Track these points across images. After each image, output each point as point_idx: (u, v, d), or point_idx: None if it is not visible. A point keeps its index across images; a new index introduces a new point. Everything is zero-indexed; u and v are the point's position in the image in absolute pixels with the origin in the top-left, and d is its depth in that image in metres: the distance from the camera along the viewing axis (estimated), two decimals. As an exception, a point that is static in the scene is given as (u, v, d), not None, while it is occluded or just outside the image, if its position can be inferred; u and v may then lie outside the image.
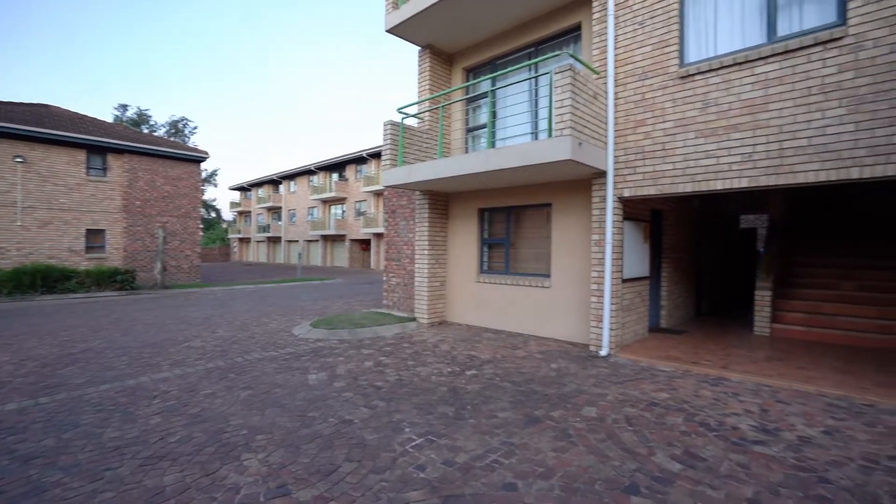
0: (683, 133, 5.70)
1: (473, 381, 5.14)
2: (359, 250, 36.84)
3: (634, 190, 6.13)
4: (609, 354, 6.26)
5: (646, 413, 4.15)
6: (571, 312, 7.17)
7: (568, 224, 7.23)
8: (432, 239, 8.83)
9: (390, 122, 8.09)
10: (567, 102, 5.52)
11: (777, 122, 5.03)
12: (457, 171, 6.84)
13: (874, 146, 4.48)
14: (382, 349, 6.75)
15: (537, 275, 7.78)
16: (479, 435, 3.70)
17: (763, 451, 3.40)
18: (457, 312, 8.97)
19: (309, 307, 11.68)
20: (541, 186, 7.56)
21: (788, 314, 7.78)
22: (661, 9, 5.94)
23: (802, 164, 4.86)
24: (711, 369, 5.49)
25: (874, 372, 5.41)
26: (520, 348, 6.77)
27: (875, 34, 4.52)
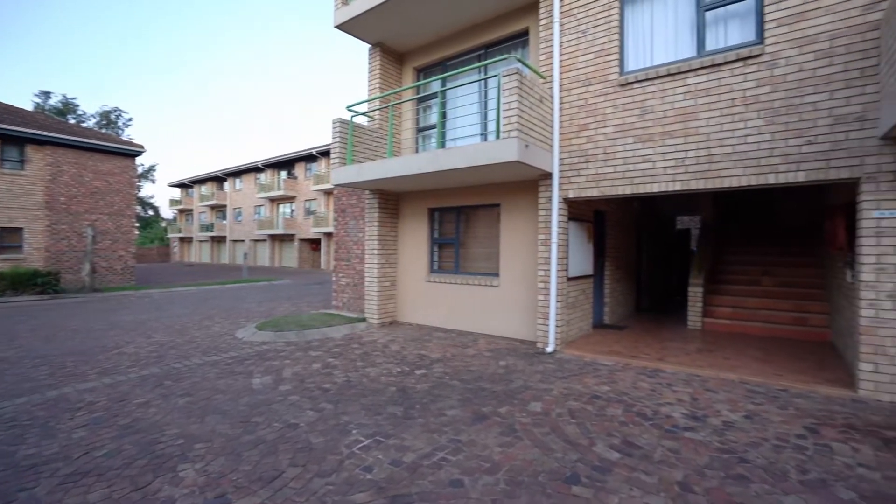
0: (623, 138, 5.99)
1: (423, 381, 5.15)
2: (309, 250, 35.89)
3: (578, 191, 6.37)
4: (555, 350, 6.48)
5: (588, 406, 4.33)
6: (520, 310, 7.34)
7: (516, 224, 7.41)
8: (382, 238, 8.76)
9: (339, 120, 7.94)
10: (514, 105, 5.65)
11: (706, 130, 5.40)
12: (406, 170, 6.83)
13: (787, 155, 4.92)
14: (331, 351, 6.62)
15: (487, 274, 7.92)
16: (427, 434, 3.72)
17: (692, 436, 3.65)
18: (407, 312, 8.96)
19: (254, 309, 11.24)
20: (490, 187, 7.69)
21: (717, 309, 8.38)
22: (603, 19, 6.21)
23: (728, 170, 5.25)
24: (649, 362, 5.81)
25: (788, 359, 5.94)
26: (469, 347, 6.86)
27: (787, 53, 4.95)
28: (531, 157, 5.95)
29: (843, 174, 4.65)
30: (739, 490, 2.86)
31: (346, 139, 7.97)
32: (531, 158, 5.95)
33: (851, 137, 4.61)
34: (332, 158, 8.07)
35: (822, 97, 4.76)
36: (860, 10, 4.61)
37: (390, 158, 7.14)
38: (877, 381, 4.48)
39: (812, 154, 4.79)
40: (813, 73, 4.82)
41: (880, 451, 3.38)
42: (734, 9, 5.41)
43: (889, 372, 4.42)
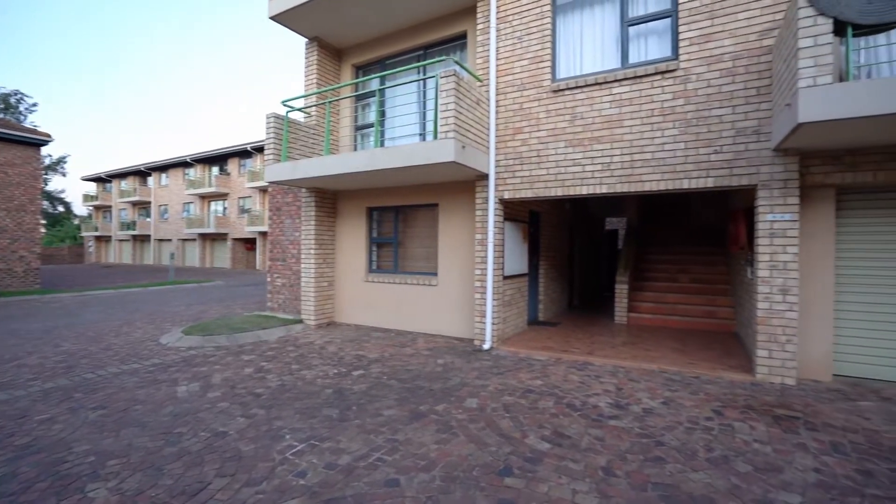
0: (555, 142, 6.27)
1: (360, 381, 5.09)
2: (243, 250, 34.15)
3: (513, 193, 6.58)
4: (492, 347, 6.65)
5: (522, 400, 4.49)
6: (458, 309, 7.46)
7: (454, 224, 7.52)
8: (319, 238, 8.54)
9: (273, 115, 7.64)
10: (451, 107, 5.74)
11: (629, 137, 5.78)
12: (344, 168, 6.71)
13: (698, 162, 5.39)
14: (265, 354, 6.36)
15: (425, 273, 7.96)
16: (363, 435, 3.69)
17: (616, 423, 3.90)
18: (346, 313, 8.80)
19: (182, 313, 10.53)
20: (428, 187, 7.74)
21: (641, 304, 8.99)
22: (537, 27, 6.46)
23: (648, 175, 5.65)
24: (579, 356, 6.13)
25: (700, 349, 6.50)
26: (408, 346, 6.87)
27: (697, 70, 5.43)
28: (468, 159, 6.07)
29: (743, 181, 5.16)
30: (656, 471, 3.10)
31: (280, 135, 7.69)
32: (468, 159, 6.07)
33: (750, 148, 5.14)
34: (266, 154, 7.74)
35: (727, 111, 5.27)
36: (757, 36, 5.15)
37: (327, 156, 6.98)
38: (770, 365, 5.02)
39: (719, 162, 5.28)
40: (719, 89, 5.31)
41: (771, 427, 3.80)
42: (653, 26, 5.84)
43: (780, 357, 4.98)
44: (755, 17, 5.14)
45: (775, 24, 5.04)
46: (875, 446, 3.49)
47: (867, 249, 5.20)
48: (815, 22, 3.97)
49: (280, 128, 7.69)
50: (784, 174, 4.97)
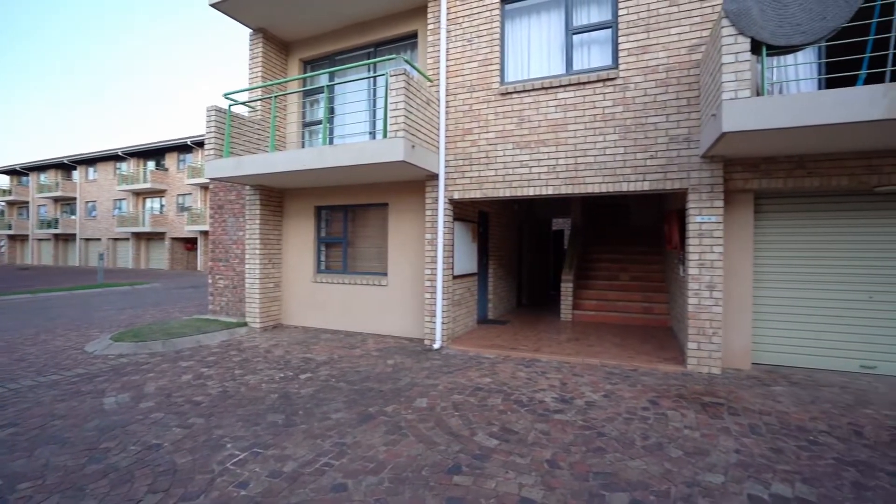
0: (504, 144, 6.40)
1: (308, 385, 4.96)
2: (182, 250, 32.23)
3: (463, 193, 6.66)
4: (442, 347, 6.69)
5: (471, 398, 4.55)
6: (408, 309, 7.44)
7: (404, 224, 7.49)
8: (265, 237, 8.22)
9: (215, 108, 7.27)
10: (401, 106, 5.71)
11: (573, 140, 6.01)
12: (291, 166, 6.50)
13: (636, 166, 5.70)
14: (205, 359, 6.03)
15: (375, 273, 7.88)
16: (310, 440, 3.59)
17: (560, 417, 4.04)
18: (293, 314, 8.53)
19: (112, 318, 9.78)
20: (378, 186, 7.66)
21: (585, 302, 9.38)
22: (486, 31, 6.56)
23: (591, 177, 5.91)
24: (526, 353, 6.29)
25: (638, 343, 6.88)
26: (358, 347, 6.77)
27: (635, 79, 5.73)
28: (418, 158, 6.07)
29: (676, 185, 5.52)
30: (597, 461, 3.25)
31: (223, 129, 7.32)
32: (418, 159, 6.07)
33: (681, 154, 5.50)
34: (206, 149, 7.35)
35: (661, 119, 5.60)
36: (687, 50, 5.51)
37: (273, 153, 6.73)
38: (699, 356, 5.40)
39: (654, 167, 5.61)
40: (654, 98, 5.64)
41: (699, 414, 4.09)
42: (596, 35, 6.10)
43: (707, 349, 5.37)
44: (685, 32, 5.51)
45: (702, 41, 5.43)
46: (785, 426, 3.85)
47: (780, 249, 5.72)
48: (736, 40, 4.31)
49: (222, 122, 7.33)
50: (711, 179, 5.35)
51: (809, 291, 5.62)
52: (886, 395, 4.64)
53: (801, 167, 5.20)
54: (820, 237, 5.59)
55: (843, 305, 5.51)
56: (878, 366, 5.41)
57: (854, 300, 5.48)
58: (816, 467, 3.17)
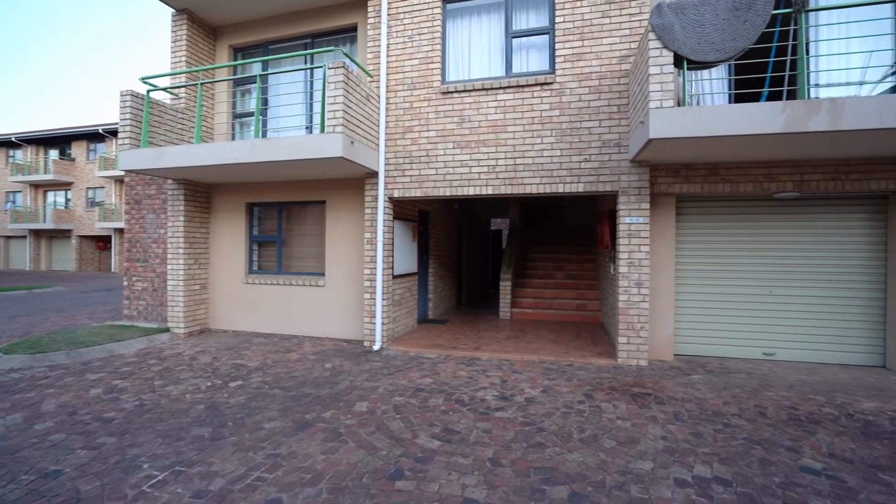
0: (444, 143, 6.40)
1: (238, 393, 4.64)
2: (94, 249, 29.14)
3: (403, 191, 6.57)
4: (382, 348, 6.56)
5: (412, 399, 4.49)
6: (346, 310, 7.23)
7: (342, 222, 7.26)
8: (190, 236, 7.62)
9: (131, 93, 6.60)
10: (340, 100, 5.52)
11: (512, 142, 6.13)
12: (220, 159, 6.06)
13: (571, 168, 5.92)
14: (119, 371, 5.46)
15: (312, 273, 7.58)
16: (241, 453, 3.35)
17: (501, 415, 4.09)
18: (222, 318, 7.99)
19: (2, 328, 8.60)
20: (315, 183, 7.37)
21: (523, 300, 9.64)
22: (427, 29, 6.52)
23: (529, 178, 6.06)
24: (467, 352, 6.34)
25: (572, 339, 7.17)
26: (293, 351, 6.46)
27: (571, 85, 5.96)
28: (357, 155, 5.90)
29: (608, 187, 5.80)
30: (538, 456, 3.31)
31: (140, 117, 6.67)
32: (357, 156, 5.90)
33: (613, 159, 5.80)
34: (121, 139, 6.66)
35: (594, 124, 5.87)
36: (617, 60, 5.82)
37: (199, 144, 6.24)
38: (629, 350, 5.73)
39: (588, 169, 5.87)
40: (588, 103, 5.90)
41: (630, 405, 4.33)
42: (534, 41, 6.27)
43: (635, 343, 5.71)
44: (616, 43, 5.81)
45: (631, 52, 5.75)
46: (703, 412, 4.17)
47: (697, 248, 6.21)
48: (661, 53, 4.61)
49: (139, 108, 6.68)
50: (638, 183, 5.69)
51: (721, 286, 6.16)
52: (784, 379, 5.18)
53: (716, 174, 5.67)
54: (730, 237, 6.14)
55: (749, 299, 6.09)
56: (777, 352, 6.03)
57: (757, 294, 6.08)
58: (731, 448, 3.46)
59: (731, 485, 2.94)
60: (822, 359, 5.91)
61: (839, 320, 5.88)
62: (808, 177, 5.46)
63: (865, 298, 5.82)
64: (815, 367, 5.68)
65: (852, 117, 4.17)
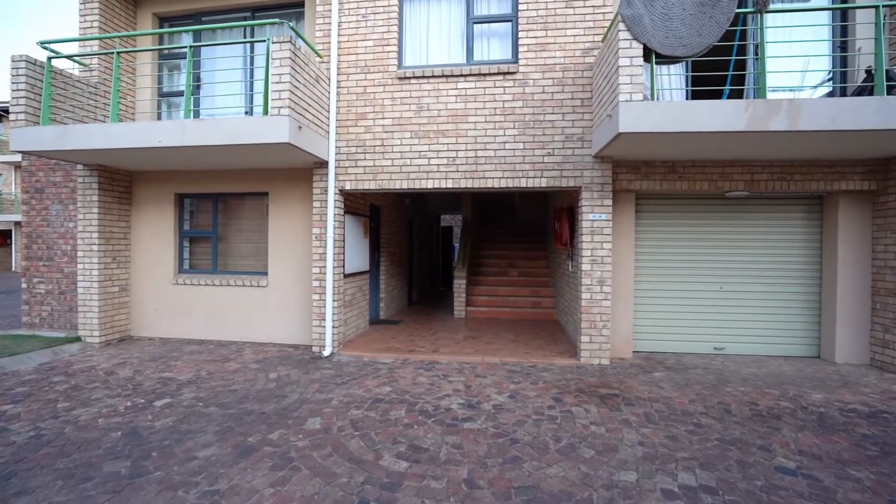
0: (401, 132, 5.97)
1: (165, 414, 3.99)
2: (-17, 245, 25.62)
3: (356, 183, 6.08)
4: (333, 353, 6.05)
5: (371, 413, 4.07)
6: (293, 312, 6.62)
7: (287, 216, 6.63)
8: (107, 230, 6.64)
9: (26, 59, 5.57)
10: (286, 78, 4.94)
11: (473, 133, 5.83)
12: (141, 141, 5.26)
13: (534, 162, 5.72)
14: (11, 392, 4.56)
15: (253, 273, 6.88)
16: (168, 492, 2.78)
17: (471, 426, 3.77)
18: (148, 324, 7.06)
19: None
20: (257, 173, 6.68)
21: (477, 298, 9.42)
22: (383, 9, 6.05)
23: (491, 172, 5.79)
24: (426, 355, 5.98)
25: (531, 338, 7.03)
26: (233, 359, 5.79)
27: (534, 76, 5.75)
28: (305, 142, 5.34)
29: (571, 183, 5.66)
30: (516, 473, 3.02)
31: (39, 88, 5.65)
32: (305, 143, 5.34)
33: (576, 154, 5.66)
34: (13, 113, 5.60)
35: (558, 117, 5.70)
36: (581, 52, 5.68)
37: (115, 123, 5.38)
38: (591, 349, 5.63)
39: (551, 164, 5.69)
40: (552, 95, 5.71)
41: (601, 408, 4.17)
42: (497, 28, 6.00)
43: (597, 341, 5.62)
44: (580, 35, 5.67)
45: (594, 45, 5.63)
46: (672, 411, 4.10)
47: (654, 245, 6.25)
48: (631, 45, 4.48)
49: (38, 78, 5.66)
50: (601, 179, 5.59)
51: (676, 284, 6.24)
52: (737, 373, 5.29)
53: (674, 171, 5.70)
54: (684, 235, 6.23)
55: (701, 295, 6.22)
56: (726, 347, 6.21)
57: (709, 291, 6.21)
58: (707, 450, 3.36)
59: (718, 493, 2.81)
60: (767, 351, 6.15)
61: (781, 315, 6.14)
62: (758, 176, 5.61)
63: (803, 294, 6.12)
64: (761, 360, 5.89)
65: (808, 118, 4.25)
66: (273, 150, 5.35)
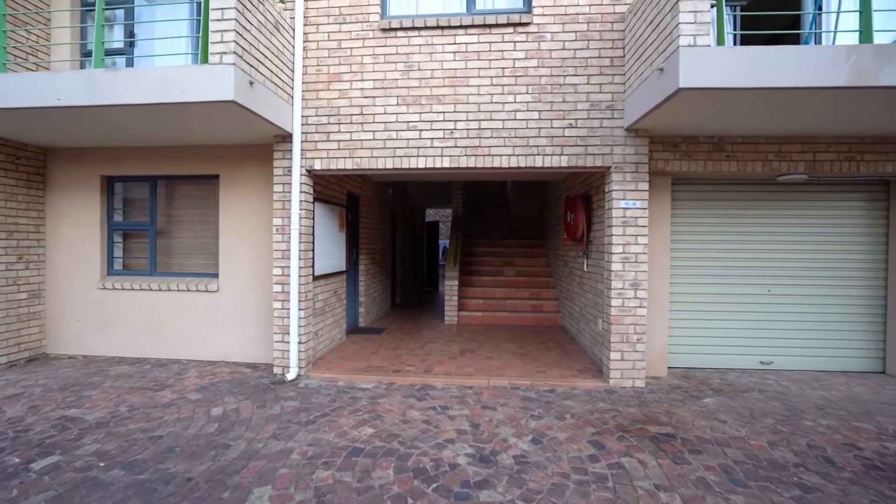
0: (385, 97, 4.76)
1: (42, 486, 2.70)
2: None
3: (327, 162, 4.84)
4: (299, 376, 4.81)
5: (346, 475, 2.87)
6: (250, 323, 5.35)
7: (244, 205, 5.36)
8: (10, 221, 5.23)
9: None
10: (231, 15, 3.68)
11: (476, 99, 4.66)
12: (35, 99, 3.91)
13: (553, 136, 4.59)
14: None
15: (201, 274, 5.58)
16: None
17: (490, 499, 2.62)
18: (67, 339, 5.68)
19: None
20: (205, 150, 5.38)
21: (471, 301, 8.26)
22: (360, -57, 4.82)
23: (498, 148, 4.63)
24: (416, 377, 4.79)
25: (540, 350, 5.90)
26: (169, 386, 4.49)
27: (552, 28, 4.61)
28: (260, 105, 4.08)
29: (597, 162, 4.55)
30: None
31: None
32: (261, 106, 4.08)
33: (604, 125, 4.55)
34: None
35: (581, 80, 4.58)
36: (610, 0, 4.57)
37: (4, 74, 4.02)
38: (622, 368, 4.54)
39: (573, 138, 4.56)
40: (574, 53, 4.59)
41: (660, 459, 3.07)
42: (502, -31, 4.84)
43: (631, 359, 4.53)
44: (608, -23, 4.55)
45: (626, -10, 4.53)
46: (755, 461, 3.03)
47: (691, 240, 5.22)
48: (692, -28, 3.38)
49: None
50: (636, 157, 4.50)
51: (717, 286, 5.21)
52: (804, 397, 4.28)
53: (720, 149, 4.65)
54: (727, 228, 5.21)
55: (746, 300, 5.21)
56: (775, 360, 5.22)
57: (755, 294, 5.21)
58: (838, 536, 2.29)
59: None
60: (822, 366, 5.18)
61: (838, 322, 5.18)
62: (822, 156, 4.61)
63: (865, 297, 5.17)
64: (820, 377, 4.91)
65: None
66: (218, 115, 4.08)
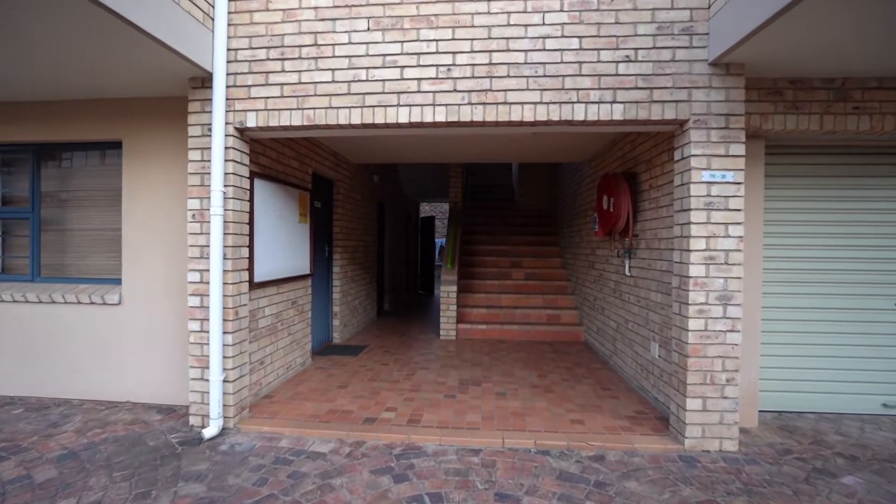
0: (350, 19, 3.22)
1: None
2: None
3: (267, 116, 3.28)
4: (224, 430, 3.27)
5: None
6: (165, 348, 3.81)
7: (156, 183, 3.81)
8: None
9: None
10: None
11: (485, 20, 3.13)
12: None
13: (599, 75, 3.06)
14: None
15: (97, 280, 4.03)
16: None
17: None
18: (-83, 368, 4.11)
19: None
20: (99, 105, 3.83)
21: (472, 311, 6.73)
22: None
23: (518, 91, 3.09)
24: (396, 432, 3.25)
25: (567, 380, 4.39)
26: (24, 450, 2.94)
27: (597, -85, 3.09)
28: (146, 14, 2.53)
29: (667, 113, 3.02)
30: None
31: None
32: (145, 16, 2.53)
33: (678, 59, 3.03)
34: None
35: (643, -9, 3.06)
36: None
37: None
38: (706, 424, 3.02)
39: (631, 78, 3.04)
40: (631, -51, 3.06)
41: None
42: None
43: (718, 408, 3.02)
44: None
45: None
46: None
47: (792, 234, 3.71)
48: None
49: None
50: (726, 106, 2.99)
51: (820, 297, 3.71)
52: None
53: (845, 98, 3.16)
54: (839, 217, 3.71)
55: (863, 317, 3.71)
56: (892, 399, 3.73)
57: (877, 309, 3.71)
58: None
59: None
60: (967, 409, 3.69)
61: None
62: None
63: None
64: (976, 429, 3.42)
65: None
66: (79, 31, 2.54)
